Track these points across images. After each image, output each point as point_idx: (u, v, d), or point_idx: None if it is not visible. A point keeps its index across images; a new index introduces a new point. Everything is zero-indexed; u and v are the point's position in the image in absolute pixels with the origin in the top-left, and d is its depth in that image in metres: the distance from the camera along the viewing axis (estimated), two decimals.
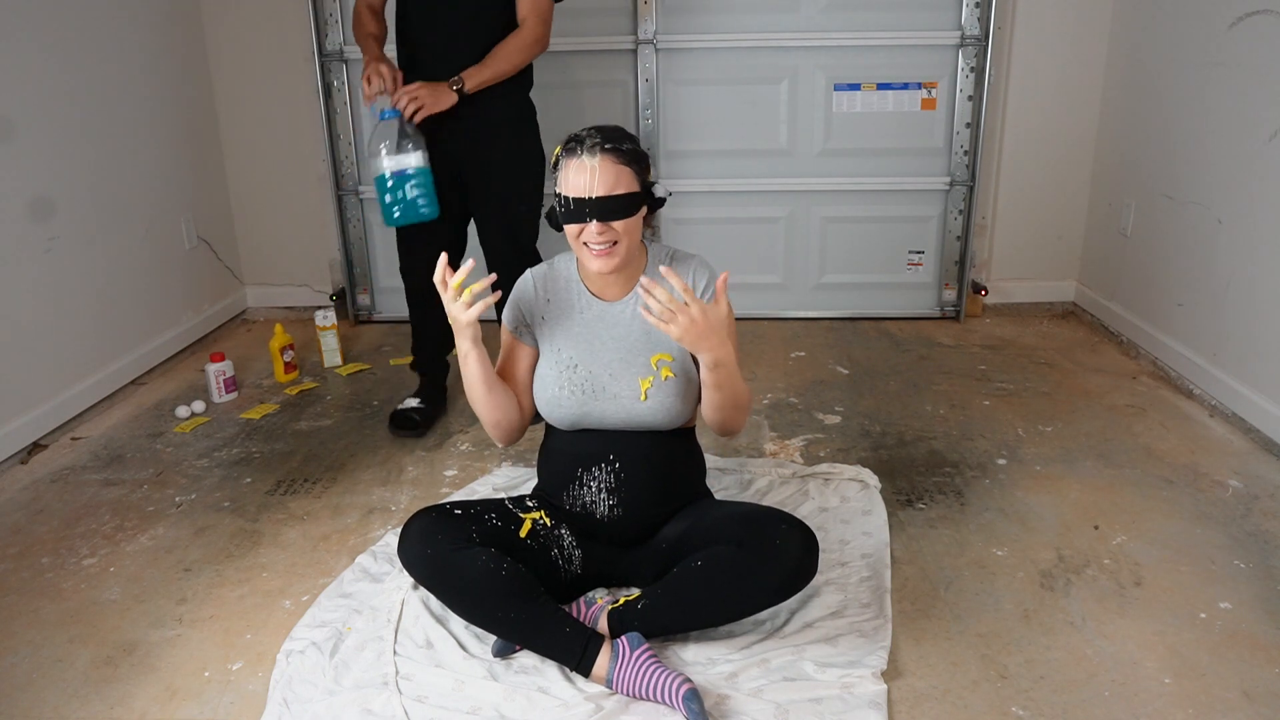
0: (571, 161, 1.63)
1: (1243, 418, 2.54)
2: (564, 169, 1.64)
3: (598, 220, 1.61)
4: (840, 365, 3.10)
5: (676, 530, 1.74)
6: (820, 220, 3.54)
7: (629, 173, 1.63)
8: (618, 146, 1.63)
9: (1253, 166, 2.53)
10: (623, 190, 1.62)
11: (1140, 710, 1.54)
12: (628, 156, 1.63)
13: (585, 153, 1.61)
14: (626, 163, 1.63)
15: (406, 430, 2.58)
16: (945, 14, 3.31)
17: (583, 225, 1.62)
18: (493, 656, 1.66)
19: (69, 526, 2.18)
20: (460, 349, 1.70)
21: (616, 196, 1.61)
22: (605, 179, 1.60)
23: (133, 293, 3.04)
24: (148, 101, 3.13)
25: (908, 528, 2.09)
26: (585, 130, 1.65)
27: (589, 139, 1.62)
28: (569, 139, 1.66)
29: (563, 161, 1.65)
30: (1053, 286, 3.62)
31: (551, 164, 1.69)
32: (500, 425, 1.78)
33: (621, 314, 1.75)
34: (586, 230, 1.63)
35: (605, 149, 1.61)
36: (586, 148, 1.61)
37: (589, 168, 1.60)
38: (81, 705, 1.61)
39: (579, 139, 1.64)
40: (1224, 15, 2.63)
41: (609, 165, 1.61)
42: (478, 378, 1.72)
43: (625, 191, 1.62)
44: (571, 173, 1.62)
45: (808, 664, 1.61)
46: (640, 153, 1.67)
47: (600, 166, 1.60)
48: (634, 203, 1.64)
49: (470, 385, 1.74)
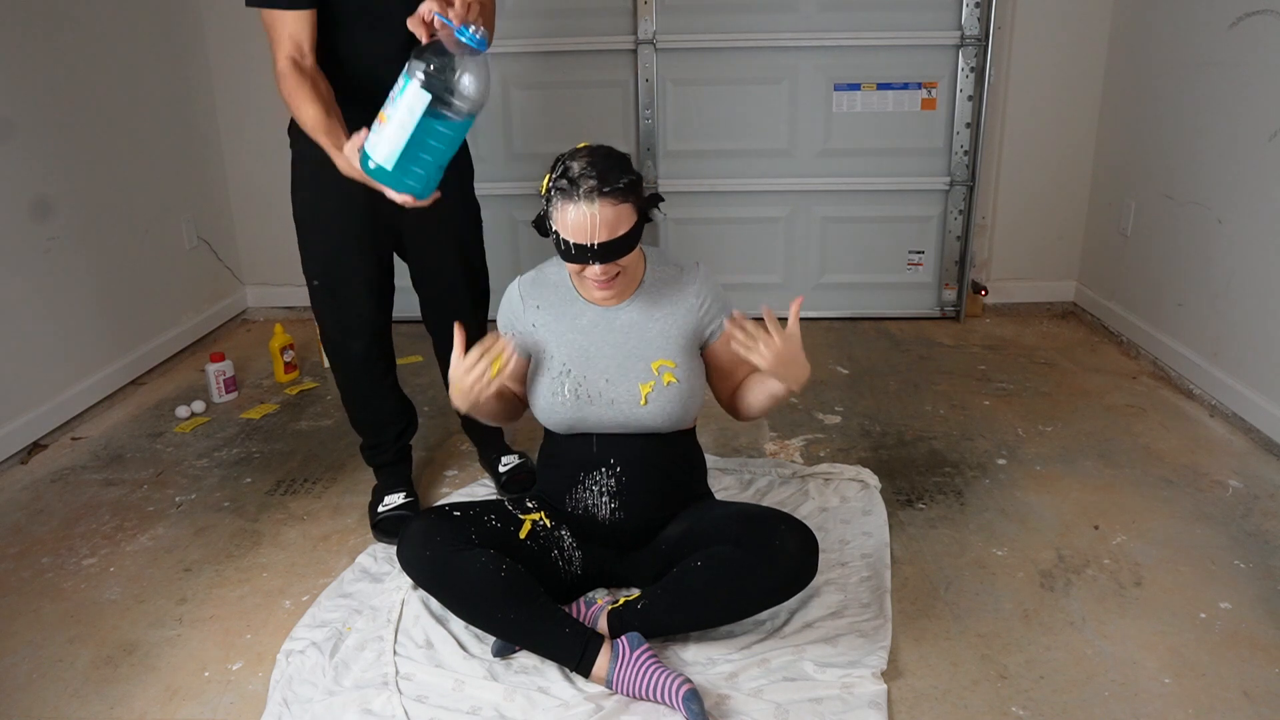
0: (568, 205, 1.53)
1: (1243, 417, 2.54)
2: (559, 209, 1.55)
3: (601, 263, 1.58)
4: (840, 365, 3.10)
5: (677, 531, 1.74)
6: (820, 220, 3.54)
7: (628, 208, 1.56)
8: (615, 186, 1.53)
9: (1253, 166, 2.53)
10: (624, 230, 1.56)
11: (1140, 710, 1.54)
12: (625, 192, 1.55)
13: (583, 199, 1.52)
14: (624, 199, 1.55)
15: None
16: (945, 14, 3.31)
17: (584, 264, 1.60)
18: (493, 657, 1.66)
19: (69, 526, 2.18)
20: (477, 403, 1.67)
21: (619, 238, 1.56)
22: (606, 224, 1.54)
23: (133, 293, 3.04)
24: (148, 101, 3.13)
25: (908, 528, 2.09)
26: (578, 164, 1.54)
27: (584, 180, 1.52)
28: (560, 173, 1.55)
29: (556, 200, 1.55)
30: (1053, 286, 3.62)
31: (541, 193, 1.61)
32: (504, 424, 1.84)
33: (618, 319, 1.72)
34: (589, 269, 1.60)
35: (604, 193, 1.52)
36: (583, 193, 1.52)
37: (588, 215, 1.53)
38: (81, 705, 1.61)
39: (572, 180, 1.53)
40: (1224, 15, 2.63)
41: (609, 209, 1.53)
42: (499, 411, 1.78)
43: (626, 230, 1.57)
44: (569, 216, 1.54)
45: (808, 664, 1.61)
46: (635, 180, 1.58)
47: (600, 212, 1.53)
48: (636, 236, 1.60)
49: (487, 417, 1.78)
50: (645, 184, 1.67)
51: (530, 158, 3.44)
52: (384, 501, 2.14)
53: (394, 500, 2.14)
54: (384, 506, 2.13)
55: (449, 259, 2.09)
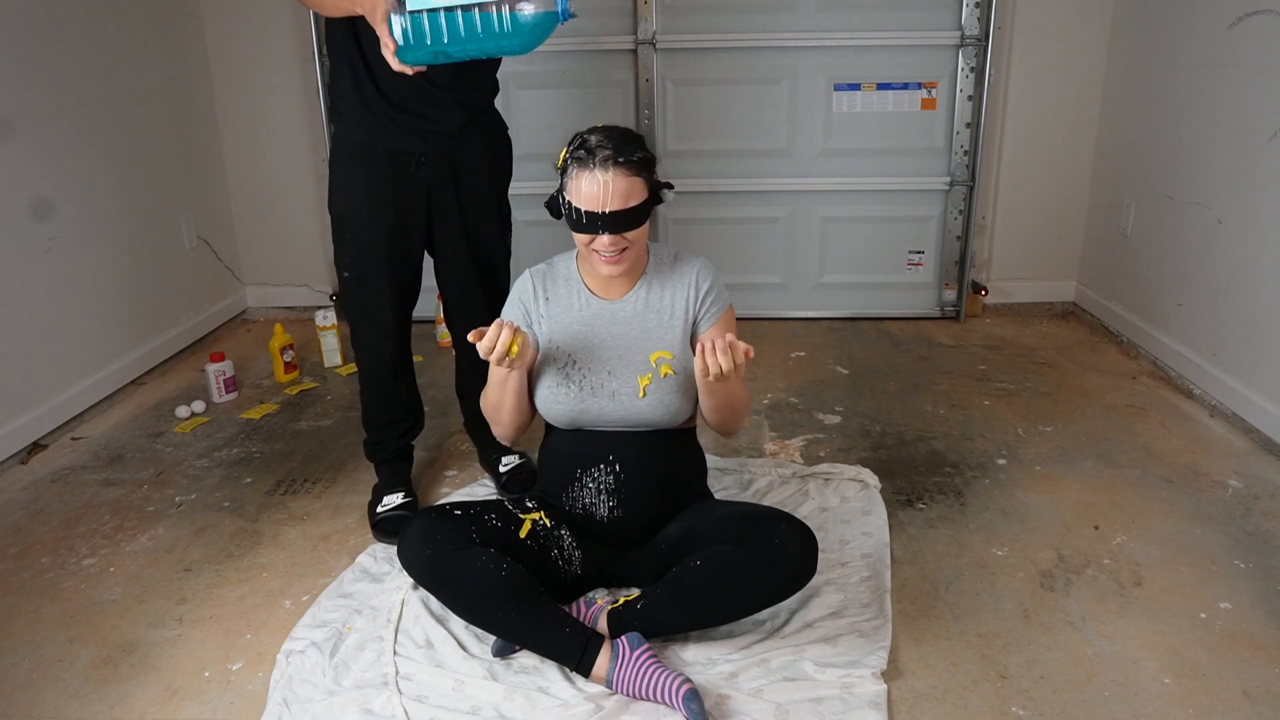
0: (583, 173, 1.59)
1: (1243, 418, 2.54)
2: (574, 177, 1.61)
3: (610, 233, 1.60)
4: (840, 365, 3.10)
5: (677, 531, 1.74)
6: (820, 220, 3.54)
7: (640, 182, 1.61)
8: (630, 158, 1.59)
9: (1253, 166, 2.53)
10: (635, 202, 1.61)
11: (1140, 710, 1.54)
12: (639, 166, 1.60)
13: (598, 167, 1.58)
14: (638, 173, 1.61)
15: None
16: (945, 14, 3.31)
17: (594, 235, 1.62)
18: (493, 656, 1.66)
19: (69, 526, 2.18)
20: (503, 374, 1.69)
21: (629, 209, 1.60)
22: (618, 193, 1.58)
23: (133, 293, 3.04)
24: (147, 101, 3.13)
25: (908, 528, 2.09)
26: (595, 137, 1.61)
27: (600, 150, 1.59)
28: (578, 144, 1.62)
29: (572, 169, 1.61)
30: (1053, 286, 3.62)
31: (557, 166, 1.67)
32: (513, 426, 1.78)
33: (621, 312, 1.74)
34: (598, 240, 1.62)
35: (618, 163, 1.58)
36: (599, 161, 1.58)
37: (601, 182, 1.58)
38: (81, 705, 1.61)
39: (589, 150, 1.59)
40: (1224, 15, 2.63)
41: (621, 179, 1.58)
42: (515, 392, 1.72)
43: (638, 203, 1.61)
44: (583, 184, 1.59)
45: (808, 664, 1.61)
46: (649, 158, 1.64)
47: (613, 181, 1.58)
48: (645, 211, 1.64)
49: (502, 399, 1.73)
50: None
51: (530, 158, 3.43)
52: (383, 501, 2.14)
53: (393, 500, 2.14)
54: (383, 506, 2.13)
55: (473, 259, 2.12)
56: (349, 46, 1.91)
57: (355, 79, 1.93)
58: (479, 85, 2.03)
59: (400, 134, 1.97)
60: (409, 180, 2.00)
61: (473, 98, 2.02)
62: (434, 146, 2.00)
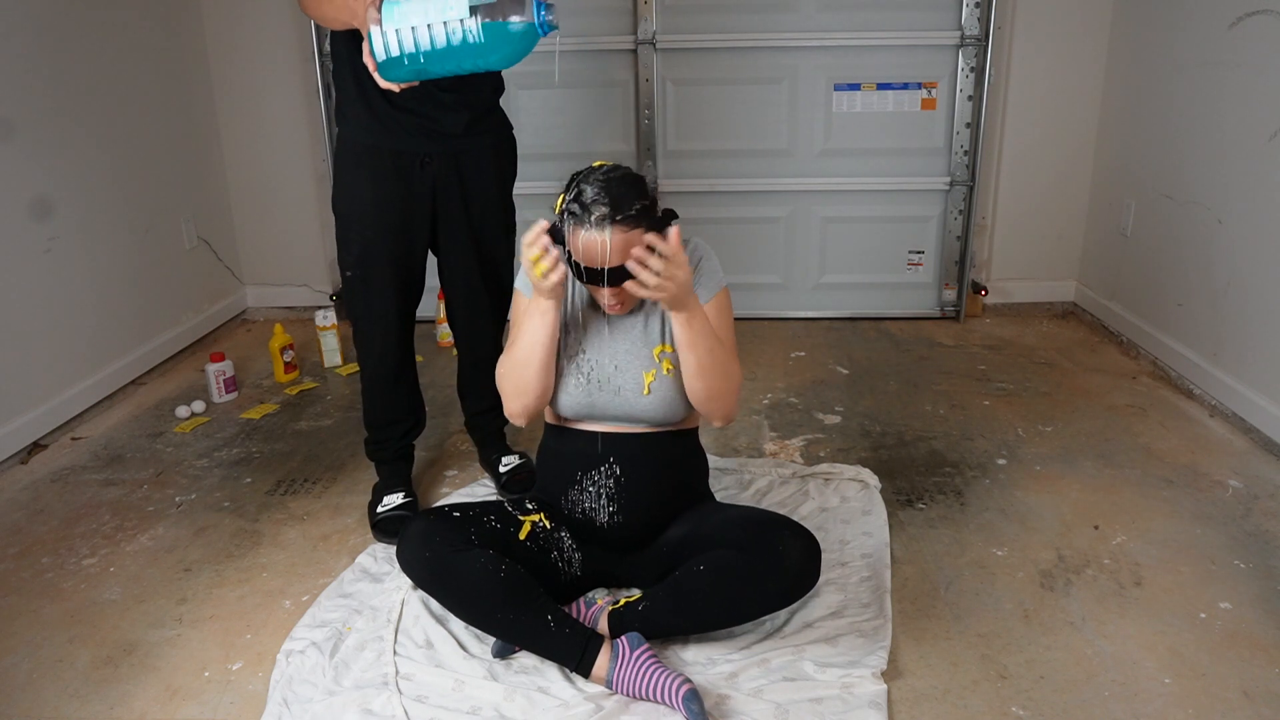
0: (580, 232, 1.53)
1: (1243, 418, 2.54)
2: (572, 234, 1.55)
3: (612, 287, 1.58)
4: (840, 365, 3.10)
5: (678, 534, 1.74)
6: (820, 220, 3.54)
7: (639, 234, 1.55)
8: (627, 213, 1.53)
9: (1253, 166, 2.53)
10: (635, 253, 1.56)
11: (1140, 710, 1.54)
12: (637, 218, 1.54)
13: (594, 227, 1.52)
14: (636, 225, 1.54)
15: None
16: (945, 14, 3.31)
17: (597, 287, 1.60)
18: (493, 657, 1.66)
19: (69, 526, 2.18)
20: (544, 307, 1.63)
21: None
22: (616, 250, 1.54)
23: (133, 293, 3.04)
24: (147, 101, 3.13)
25: (908, 528, 2.09)
26: (591, 190, 1.54)
27: (596, 208, 1.52)
28: (574, 196, 1.55)
29: (570, 225, 1.55)
30: (1053, 286, 3.62)
31: (555, 210, 1.61)
32: (534, 392, 1.69)
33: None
34: (600, 292, 1.62)
35: (615, 220, 1.52)
36: (594, 221, 1.52)
37: (599, 241, 1.53)
38: (81, 705, 1.61)
39: (585, 207, 1.53)
40: (1224, 15, 2.63)
41: (619, 235, 1.53)
42: (548, 337, 1.64)
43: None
44: (580, 241, 1.55)
45: (808, 664, 1.61)
46: (648, 205, 1.57)
47: (611, 239, 1.53)
48: None
49: (533, 347, 1.65)
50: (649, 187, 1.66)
51: (530, 158, 3.42)
52: (383, 501, 2.14)
53: (393, 500, 2.14)
54: (383, 506, 2.13)
55: (478, 259, 2.12)
56: (352, 50, 1.91)
57: (359, 82, 1.93)
58: (483, 86, 2.03)
59: (405, 135, 1.97)
60: (414, 180, 2.01)
61: (477, 98, 2.02)
62: (439, 147, 2.00)
